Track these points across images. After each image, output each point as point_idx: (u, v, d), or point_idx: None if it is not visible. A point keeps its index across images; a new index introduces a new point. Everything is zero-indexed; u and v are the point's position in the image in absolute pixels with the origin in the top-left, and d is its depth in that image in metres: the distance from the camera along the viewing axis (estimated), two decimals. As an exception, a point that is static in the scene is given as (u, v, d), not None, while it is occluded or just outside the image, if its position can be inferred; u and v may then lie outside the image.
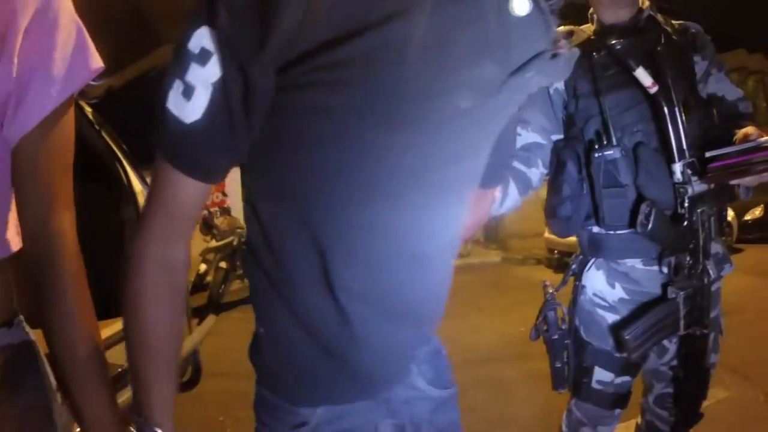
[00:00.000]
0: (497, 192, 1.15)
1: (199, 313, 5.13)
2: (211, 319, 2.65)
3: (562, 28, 1.26)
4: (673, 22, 1.60)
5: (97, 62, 0.77)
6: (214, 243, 5.65)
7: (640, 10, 1.53)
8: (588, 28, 1.55)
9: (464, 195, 0.80)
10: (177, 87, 0.64)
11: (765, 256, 8.95)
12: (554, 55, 0.68)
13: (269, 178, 0.73)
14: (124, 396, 1.94)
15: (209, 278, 5.53)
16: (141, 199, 2.58)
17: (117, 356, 1.95)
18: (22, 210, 0.75)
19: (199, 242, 5.69)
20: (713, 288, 1.50)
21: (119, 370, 1.97)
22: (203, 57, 0.62)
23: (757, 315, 5.07)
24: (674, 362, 1.55)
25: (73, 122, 0.78)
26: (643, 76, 1.37)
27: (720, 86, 1.60)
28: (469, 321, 4.79)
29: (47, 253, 0.74)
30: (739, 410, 3.08)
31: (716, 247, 1.54)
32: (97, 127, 2.50)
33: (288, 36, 0.59)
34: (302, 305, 0.76)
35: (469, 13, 0.65)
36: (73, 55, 0.74)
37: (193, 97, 0.63)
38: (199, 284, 5.64)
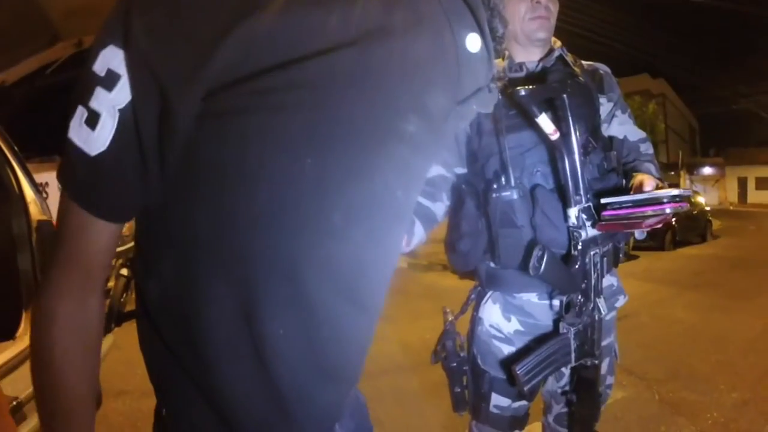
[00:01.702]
0: (404, 238, 1.15)
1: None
2: (107, 339, 2.52)
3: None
4: (583, 62, 1.63)
5: None
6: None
7: (551, 50, 1.57)
8: (498, 63, 1.55)
9: (401, 231, 0.76)
10: (80, 115, 0.58)
11: (656, 263, 9.61)
12: (490, 89, 0.73)
13: (181, 221, 0.63)
14: (25, 429, 1.82)
15: (110, 285, 5.25)
16: (34, 210, 2.41)
17: (11, 386, 1.83)
18: None
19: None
20: (608, 317, 1.56)
21: (14, 402, 1.85)
22: (110, 80, 0.57)
23: (650, 318, 5.41)
24: (568, 387, 1.61)
25: None
26: (545, 123, 1.37)
27: (623, 128, 1.65)
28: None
29: None
30: (636, 409, 3.26)
31: (611, 280, 1.60)
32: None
33: (232, 59, 0.55)
34: (216, 383, 0.66)
35: (426, 45, 0.65)
36: None
37: (99, 126, 0.58)
38: (99, 291, 5.36)
